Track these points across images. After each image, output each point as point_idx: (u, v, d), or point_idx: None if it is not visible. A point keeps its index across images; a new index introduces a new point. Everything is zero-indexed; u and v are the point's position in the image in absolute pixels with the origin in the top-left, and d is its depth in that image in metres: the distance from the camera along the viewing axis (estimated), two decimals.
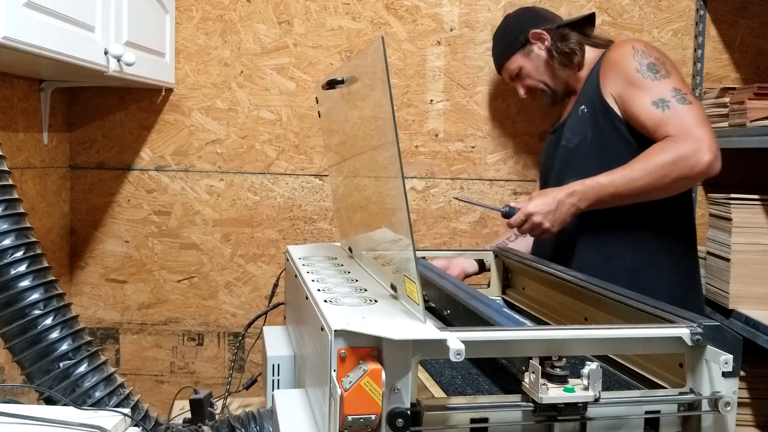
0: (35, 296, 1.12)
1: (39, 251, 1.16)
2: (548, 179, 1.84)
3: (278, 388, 1.34)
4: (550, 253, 1.76)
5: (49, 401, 1.13)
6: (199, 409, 1.35)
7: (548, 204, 1.59)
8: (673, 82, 1.62)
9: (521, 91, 1.97)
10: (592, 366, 0.89)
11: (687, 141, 1.53)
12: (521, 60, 1.91)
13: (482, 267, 1.83)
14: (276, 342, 1.46)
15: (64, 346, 1.13)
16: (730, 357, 0.90)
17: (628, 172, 1.57)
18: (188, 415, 1.38)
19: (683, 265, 1.75)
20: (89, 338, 1.18)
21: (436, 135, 2.31)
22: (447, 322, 1.23)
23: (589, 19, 1.90)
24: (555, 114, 2.07)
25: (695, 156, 1.52)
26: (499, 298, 1.65)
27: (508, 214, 1.64)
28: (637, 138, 1.65)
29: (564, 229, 1.65)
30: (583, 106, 1.75)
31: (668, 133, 1.56)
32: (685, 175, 1.54)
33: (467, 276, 1.83)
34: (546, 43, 1.87)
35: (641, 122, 1.62)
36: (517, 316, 1.34)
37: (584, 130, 1.74)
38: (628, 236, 1.70)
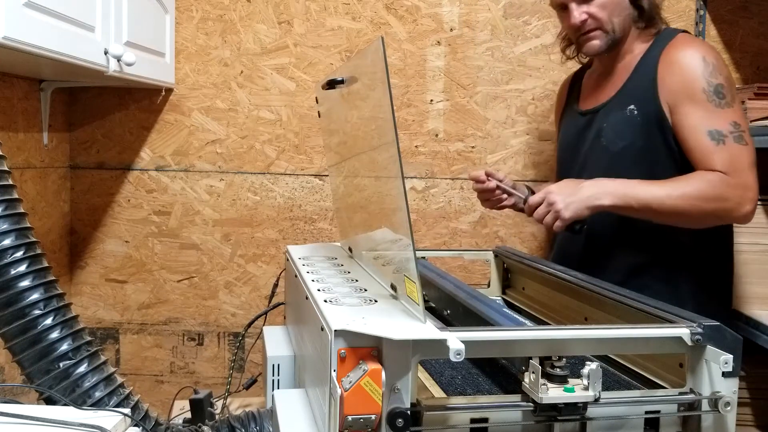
0: (35, 296, 1.12)
1: (39, 251, 1.16)
2: (571, 169, 1.72)
3: (278, 388, 1.34)
4: (577, 263, 1.62)
5: (49, 401, 1.13)
6: (199, 409, 1.35)
7: (570, 186, 1.51)
8: (734, 113, 1.52)
9: (577, 16, 1.63)
10: (592, 366, 0.89)
11: (736, 184, 1.48)
12: None
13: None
14: (276, 342, 1.46)
15: (64, 346, 1.13)
16: (730, 357, 0.90)
17: (666, 187, 1.49)
18: (188, 415, 1.38)
19: (716, 284, 1.67)
20: (89, 338, 1.18)
21: (436, 135, 2.31)
22: (447, 322, 1.24)
23: None
24: (552, 112, 2.06)
25: (738, 203, 1.48)
26: (499, 298, 1.65)
27: (527, 198, 1.56)
28: (684, 157, 1.55)
29: (596, 241, 1.59)
30: (632, 106, 1.60)
31: (716, 167, 1.49)
32: (720, 216, 1.50)
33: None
34: None
35: (688, 145, 1.53)
36: (517, 316, 1.34)
37: (632, 135, 1.60)
38: (663, 260, 1.62)
